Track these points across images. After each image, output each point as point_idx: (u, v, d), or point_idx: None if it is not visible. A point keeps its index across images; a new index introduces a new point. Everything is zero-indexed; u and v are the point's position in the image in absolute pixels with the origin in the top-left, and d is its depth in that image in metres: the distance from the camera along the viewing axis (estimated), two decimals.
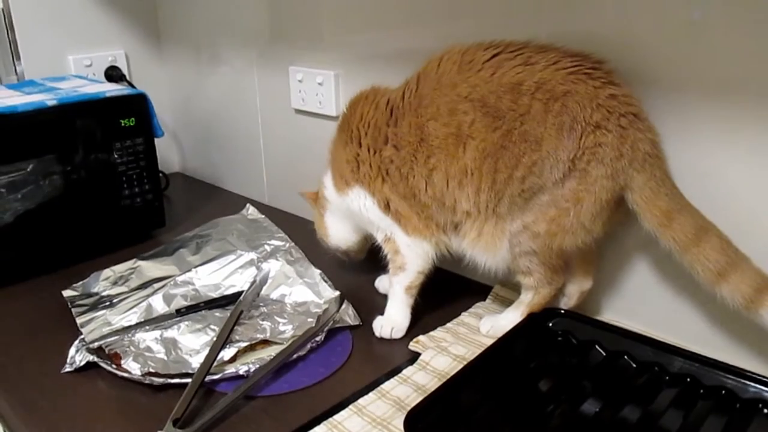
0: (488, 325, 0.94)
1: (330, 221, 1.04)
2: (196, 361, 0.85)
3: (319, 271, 1.02)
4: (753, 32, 0.73)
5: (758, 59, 0.73)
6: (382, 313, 0.98)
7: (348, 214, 1.00)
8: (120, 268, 1.06)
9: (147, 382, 0.84)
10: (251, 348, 0.90)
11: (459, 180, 0.85)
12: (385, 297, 1.06)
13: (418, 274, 0.95)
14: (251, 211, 1.20)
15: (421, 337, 0.92)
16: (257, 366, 0.85)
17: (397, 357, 0.90)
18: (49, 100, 1.11)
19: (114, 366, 0.86)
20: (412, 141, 0.87)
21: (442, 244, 0.93)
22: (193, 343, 0.89)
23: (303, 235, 1.12)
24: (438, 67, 0.86)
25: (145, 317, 0.94)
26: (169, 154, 1.69)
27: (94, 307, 0.97)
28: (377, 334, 0.95)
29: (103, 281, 1.04)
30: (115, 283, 1.04)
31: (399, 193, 0.91)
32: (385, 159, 0.91)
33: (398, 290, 0.96)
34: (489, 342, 0.87)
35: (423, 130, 0.86)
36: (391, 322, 0.96)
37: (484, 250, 0.88)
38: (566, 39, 0.82)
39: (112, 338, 0.89)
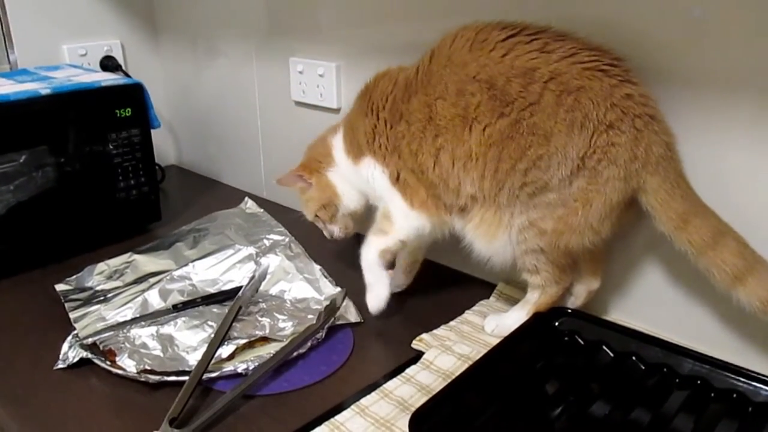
0: (493, 323, 0.92)
1: (337, 180, 0.99)
2: (193, 359, 0.83)
3: (319, 267, 1.00)
4: None
5: None
6: (383, 312, 0.95)
7: (350, 179, 0.98)
8: (115, 262, 1.04)
9: (142, 379, 0.81)
10: (250, 345, 0.87)
11: (464, 162, 0.83)
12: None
13: (400, 242, 0.93)
14: (250, 204, 1.17)
15: (424, 336, 0.90)
16: (256, 364, 0.83)
17: (399, 355, 0.88)
18: (42, 89, 1.08)
19: (108, 363, 0.84)
20: (421, 118, 0.86)
21: (445, 226, 0.92)
22: (190, 339, 0.87)
23: (302, 230, 1.09)
24: (451, 44, 0.84)
25: (140, 313, 0.92)
26: (164, 146, 1.66)
27: (87, 302, 0.95)
28: (372, 310, 0.94)
29: (97, 275, 1.02)
30: (109, 278, 1.01)
31: (408, 167, 0.89)
32: (398, 134, 0.89)
33: (372, 254, 0.93)
34: (494, 341, 0.86)
35: (431, 109, 0.84)
36: (376, 294, 0.94)
37: (482, 236, 0.86)
38: (577, 31, 0.80)
39: (107, 334, 0.87)
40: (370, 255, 0.93)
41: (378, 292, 0.94)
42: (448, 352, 0.86)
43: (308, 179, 1.01)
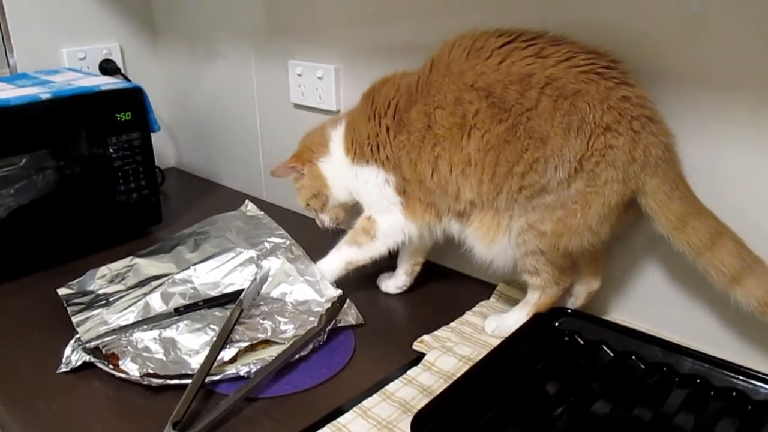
0: (494, 324, 0.92)
1: (328, 172, 1.01)
2: (195, 362, 0.83)
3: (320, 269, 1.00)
4: None
5: None
6: (383, 313, 0.96)
7: (343, 175, 0.99)
8: (116, 266, 1.04)
9: (145, 383, 0.82)
10: (252, 348, 0.88)
11: (462, 169, 0.84)
12: (387, 295, 1.05)
13: (370, 258, 0.98)
14: (250, 207, 1.17)
15: (425, 337, 0.91)
16: (258, 366, 0.83)
17: (401, 357, 0.88)
18: (42, 93, 1.08)
19: (111, 366, 0.84)
20: (420, 128, 0.86)
21: (434, 229, 0.93)
22: (192, 343, 0.87)
23: (303, 232, 1.10)
24: (449, 53, 0.85)
25: (142, 316, 0.92)
26: (164, 149, 1.67)
27: (90, 306, 0.95)
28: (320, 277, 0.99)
29: (99, 279, 1.02)
30: (111, 281, 1.01)
31: (407, 177, 0.90)
32: (400, 144, 0.89)
33: (338, 264, 0.99)
34: (494, 342, 0.86)
35: (430, 118, 0.85)
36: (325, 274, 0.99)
37: (481, 239, 0.87)
38: (574, 33, 0.81)
39: (109, 338, 0.87)
40: (336, 265, 0.99)
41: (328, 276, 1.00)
42: (449, 353, 0.86)
43: (300, 169, 1.03)
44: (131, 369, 0.82)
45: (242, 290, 0.96)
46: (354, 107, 0.98)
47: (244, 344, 0.86)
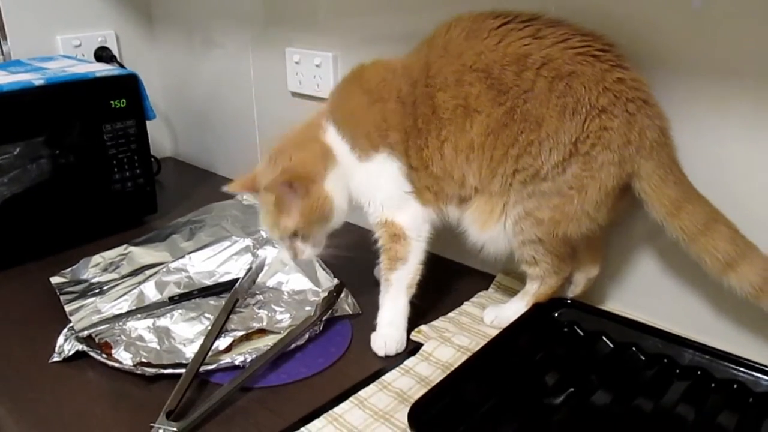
0: (492, 315, 0.91)
1: (333, 188, 0.85)
2: (190, 351, 0.82)
3: (317, 258, 0.99)
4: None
5: None
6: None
7: (349, 179, 0.87)
8: (110, 254, 1.03)
9: (139, 372, 0.81)
10: (247, 337, 0.87)
11: (467, 155, 0.83)
12: None
13: (418, 266, 0.88)
14: (246, 196, 1.16)
15: (422, 327, 0.90)
16: (254, 356, 0.83)
17: None
18: (36, 79, 1.07)
19: (104, 356, 0.83)
20: (425, 112, 0.84)
21: (444, 216, 0.90)
22: (186, 332, 0.86)
23: None
24: (446, 33, 0.83)
25: (136, 305, 0.91)
26: (160, 138, 1.65)
27: (83, 295, 0.94)
28: (381, 353, 0.86)
29: (92, 268, 1.01)
30: (105, 270, 1.00)
31: (413, 165, 0.87)
32: (406, 127, 0.85)
33: (398, 290, 0.87)
34: (493, 332, 0.86)
35: (434, 101, 0.83)
36: (392, 337, 0.87)
37: (474, 223, 0.86)
38: (570, 17, 0.80)
39: (103, 327, 0.86)
40: (400, 294, 0.87)
41: (397, 337, 0.87)
42: (447, 343, 0.85)
43: (304, 191, 0.83)
44: (125, 358, 0.81)
45: (238, 279, 0.95)
46: (330, 104, 0.91)
47: (239, 333, 0.86)
